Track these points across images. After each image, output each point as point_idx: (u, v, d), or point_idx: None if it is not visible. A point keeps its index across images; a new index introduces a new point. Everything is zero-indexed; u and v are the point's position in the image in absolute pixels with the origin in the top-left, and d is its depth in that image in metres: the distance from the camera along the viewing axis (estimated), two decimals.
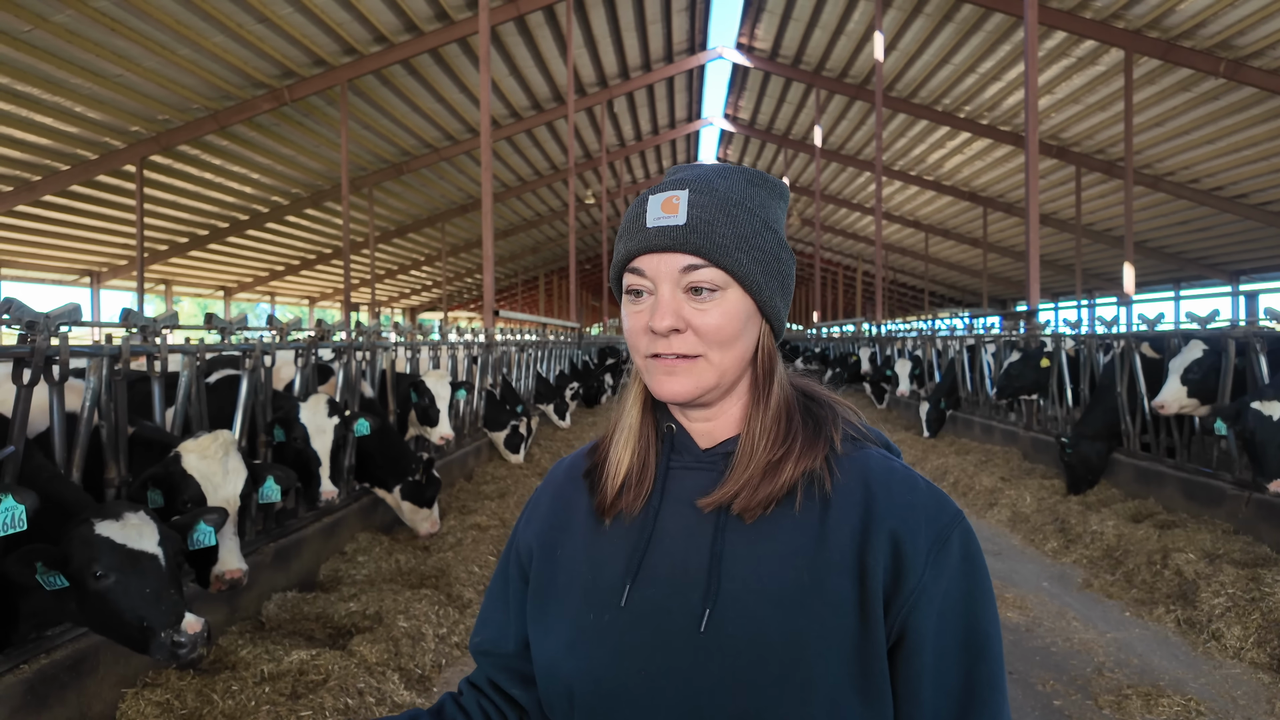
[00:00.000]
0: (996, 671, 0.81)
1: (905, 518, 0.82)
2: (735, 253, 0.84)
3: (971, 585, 0.82)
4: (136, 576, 2.49)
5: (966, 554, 0.82)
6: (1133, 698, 3.46)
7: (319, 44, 12.83)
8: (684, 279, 0.84)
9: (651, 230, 0.85)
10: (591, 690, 0.84)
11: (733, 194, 0.87)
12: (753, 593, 0.81)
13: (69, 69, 10.94)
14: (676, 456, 0.91)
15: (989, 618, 0.82)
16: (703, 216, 0.84)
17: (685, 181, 0.87)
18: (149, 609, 2.46)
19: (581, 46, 17.05)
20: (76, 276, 20.03)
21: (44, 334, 2.84)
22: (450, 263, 31.38)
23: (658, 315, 0.84)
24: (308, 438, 4.39)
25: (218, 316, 4.39)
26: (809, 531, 0.83)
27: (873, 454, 0.88)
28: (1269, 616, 3.97)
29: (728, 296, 0.85)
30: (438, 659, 3.88)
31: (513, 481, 7.86)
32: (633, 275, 0.87)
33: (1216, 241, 21.02)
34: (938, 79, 17.20)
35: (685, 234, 0.83)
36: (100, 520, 2.54)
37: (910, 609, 0.80)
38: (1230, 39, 12.15)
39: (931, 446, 10.20)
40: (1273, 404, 4.48)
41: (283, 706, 3.05)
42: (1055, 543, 5.86)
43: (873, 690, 0.79)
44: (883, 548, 0.81)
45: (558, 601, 0.90)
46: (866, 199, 27.79)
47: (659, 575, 0.85)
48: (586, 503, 0.94)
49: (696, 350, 0.85)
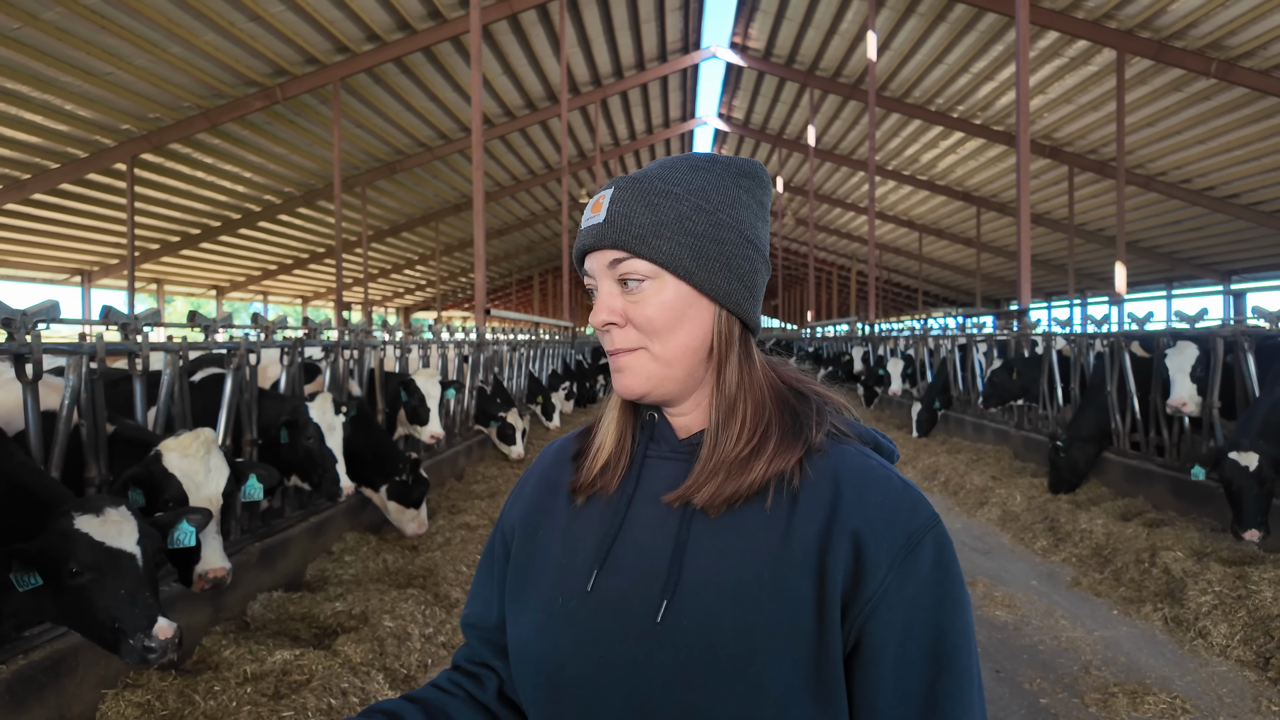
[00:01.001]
0: (964, 684, 0.78)
1: (871, 518, 0.79)
2: (653, 240, 0.84)
3: (943, 594, 0.78)
4: (113, 576, 2.44)
5: (939, 560, 0.79)
6: (1119, 696, 3.46)
7: (311, 42, 12.77)
8: (613, 273, 0.86)
9: (583, 231, 0.89)
10: (554, 674, 0.84)
11: (662, 183, 0.86)
12: (712, 586, 0.80)
13: (59, 66, 10.87)
14: (654, 445, 0.91)
15: (959, 628, 0.79)
16: (621, 211, 0.85)
17: (615, 182, 0.89)
18: (122, 610, 2.41)
19: (575, 45, 17.02)
20: (67, 276, 19.93)
21: (20, 331, 2.81)
22: (444, 262, 31.31)
23: (596, 311, 0.88)
24: (322, 437, 4.45)
25: (201, 314, 4.36)
26: (775, 527, 0.81)
27: (849, 451, 0.85)
28: (1255, 614, 3.98)
29: (662, 286, 0.85)
30: (423, 659, 3.85)
31: (503, 481, 7.84)
32: (586, 277, 0.91)
33: (1208, 241, 21.10)
34: (931, 79, 17.23)
35: (603, 230, 0.86)
36: (80, 514, 2.49)
37: (869, 615, 0.77)
38: (1221, 39, 12.18)
39: (923, 445, 10.21)
40: (1249, 455, 4.52)
41: (264, 707, 3.03)
42: (1045, 541, 5.87)
43: (826, 694, 0.77)
44: (844, 548, 0.78)
45: (533, 583, 0.90)
46: (860, 199, 27.82)
47: (626, 564, 0.84)
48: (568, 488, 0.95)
49: (637, 344, 0.86)
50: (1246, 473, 4.50)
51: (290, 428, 4.49)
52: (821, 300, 43.29)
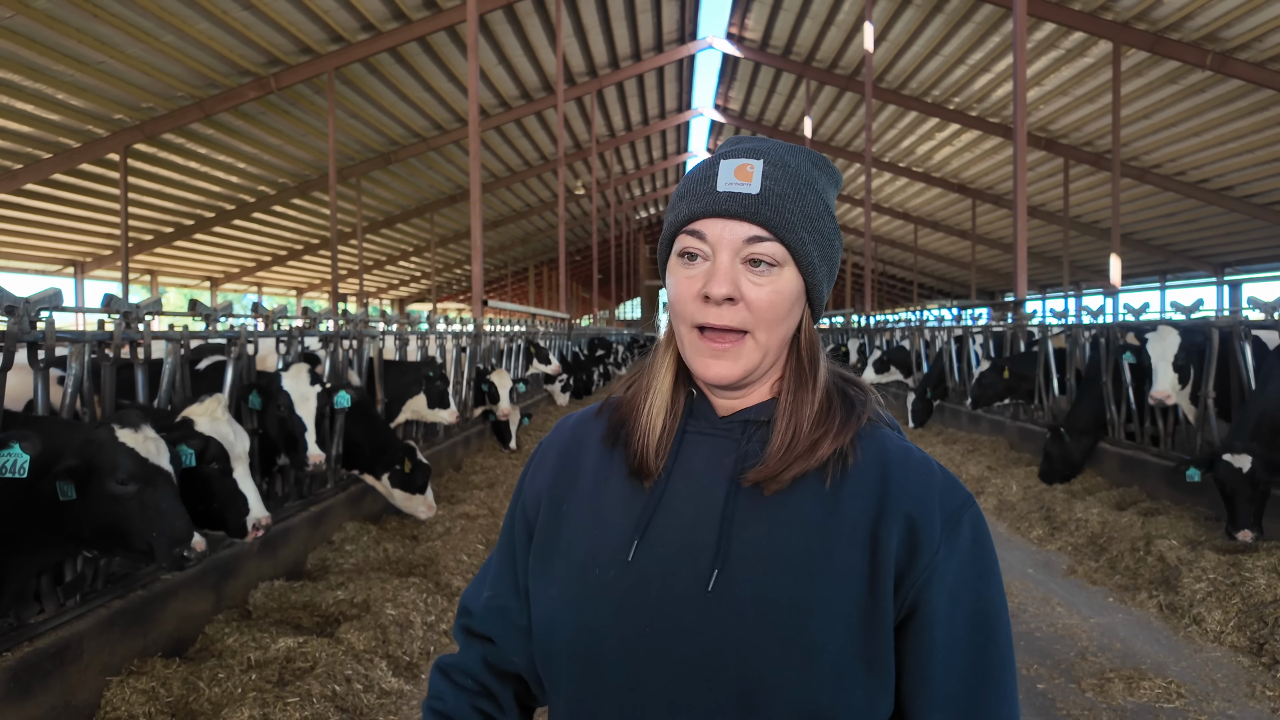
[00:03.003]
0: (1005, 653, 0.83)
1: (921, 499, 0.83)
2: (800, 231, 0.84)
3: (982, 567, 0.83)
4: (155, 489, 2.63)
5: (977, 536, 0.84)
6: (1115, 681, 3.50)
7: (305, 31, 12.69)
8: (746, 249, 0.84)
9: (722, 194, 0.84)
10: (590, 645, 0.85)
11: (802, 173, 0.87)
12: (761, 557, 0.82)
13: (51, 55, 10.78)
14: (693, 422, 0.91)
15: (998, 599, 0.84)
16: (775, 189, 0.84)
17: (760, 151, 0.86)
18: (166, 522, 2.61)
19: (571, 35, 16.95)
20: (60, 266, 19.81)
21: (23, 319, 2.81)
22: (439, 254, 31.21)
23: (715, 281, 0.83)
24: (292, 404, 4.39)
25: (202, 303, 4.35)
26: (821, 501, 0.84)
27: (889, 435, 0.90)
28: (1249, 601, 4.03)
29: (783, 274, 0.85)
30: (426, 646, 3.88)
31: (501, 472, 7.86)
32: (690, 238, 0.86)
33: (1202, 233, 21.18)
34: (927, 70, 17.22)
35: (757, 204, 0.83)
36: (121, 428, 2.64)
37: (924, 585, 0.81)
38: (1217, 31, 12.21)
39: (919, 436, 10.26)
40: (1242, 457, 4.58)
41: (269, 694, 3.05)
42: (1041, 530, 5.92)
43: (877, 661, 0.80)
44: (898, 525, 0.82)
45: (561, 556, 0.90)
46: (856, 191, 27.83)
47: (667, 535, 0.85)
48: (595, 461, 0.95)
49: (745, 325, 0.84)
50: (1240, 474, 4.56)
51: (263, 394, 4.46)
52: None
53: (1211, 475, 4.72)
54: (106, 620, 3.17)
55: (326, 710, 3.01)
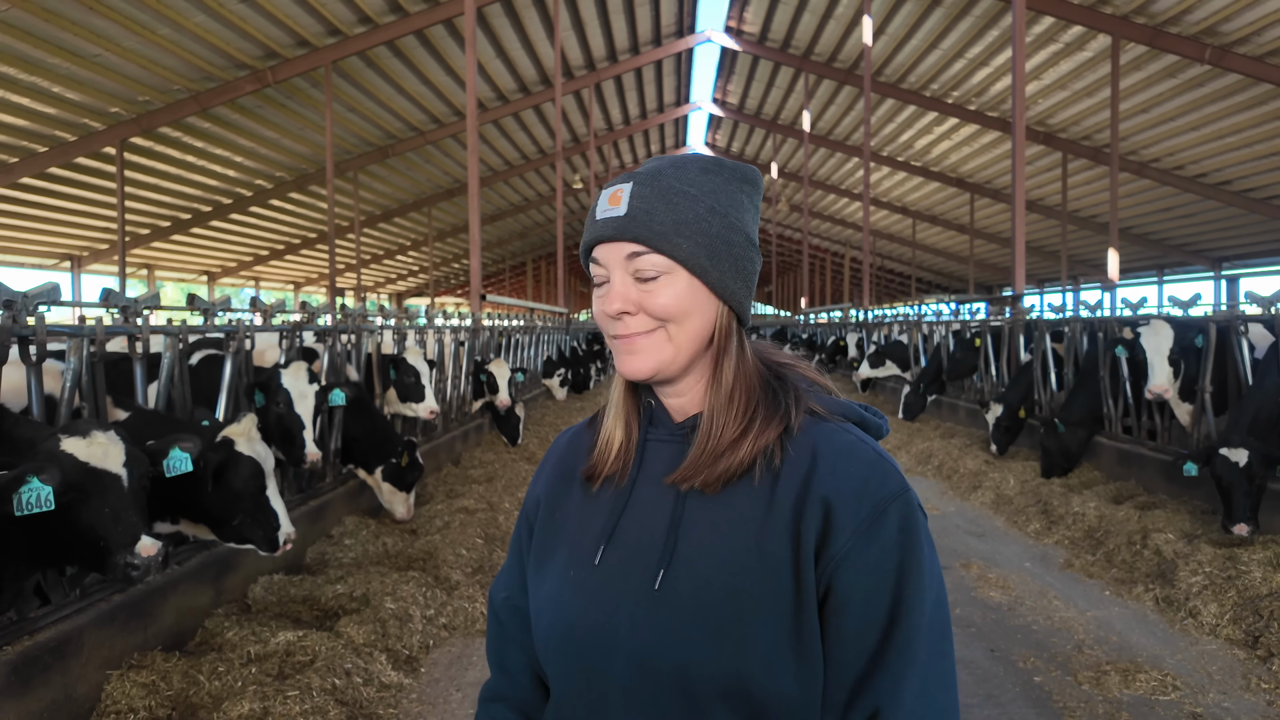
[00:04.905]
0: (911, 641, 0.83)
1: (840, 487, 0.86)
2: (674, 238, 0.89)
3: (904, 557, 0.84)
4: (97, 495, 2.53)
5: (904, 527, 0.85)
6: (1111, 674, 3.52)
7: (302, 24, 12.63)
8: (630, 265, 0.91)
9: (599, 222, 0.92)
10: (565, 636, 0.93)
11: (678, 183, 0.91)
12: (704, 555, 0.88)
13: (46, 48, 10.72)
14: (653, 430, 0.99)
15: (917, 591, 0.84)
16: (642, 206, 0.90)
17: (633, 175, 0.92)
18: (107, 529, 2.51)
19: (569, 28, 16.89)
20: (56, 260, 19.74)
21: (21, 313, 2.80)
22: (437, 248, 31.17)
23: (609, 299, 0.91)
24: (291, 402, 4.42)
25: (200, 298, 4.34)
26: (760, 500, 0.89)
27: (829, 427, 0.92)
28: (1245, 594, 4.05)
29: (676, 279, 0.90)
30: (425, 640, 3.89)
31: (500, 466, 7.86)
32: (594, 265, 0.94)
33: (1200, 228, 21.18)
34: (926, 64, 17.19)
35: (625, 224, 0.90)
36: (67, 437, 2.58)
37: (834, 571, 0.84)
38: (1215, 25, 12.19)
39: (917, 430, 10.28)
40: (1239, 451, 4.61)
41: (269, 687, 3.05)
42: (1038, 524, 5.93)
43: (804, 648, 0.84)
44: (814, 513, 0.86)
45: (551, 558, 0.99)
46: (855, 185, 27.81)
47: (629, 538, 0.93)
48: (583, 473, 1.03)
49: (653, 326, 0.91)
50: (1236, 469, 4.59)
51: (264, 390, 4.49)
52: (815, 287, 43.34)
53: (1208, 469, 4.75)
54: (106, 614, 3.17)
55: (326, 703, 3.02)
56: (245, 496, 3.30)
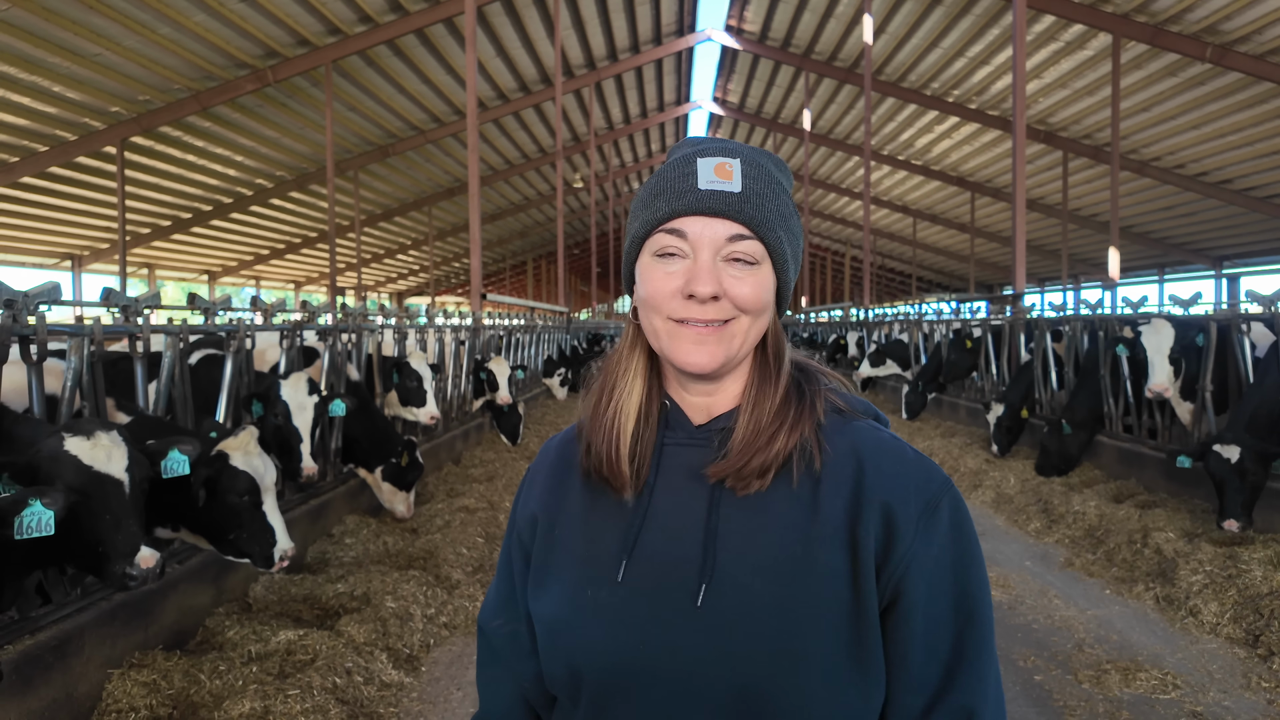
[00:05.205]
0: (985, 635, 0.83)
1: (895, 488, 0.83)
2: (778, 230, 0.85)
3: (960, 551, 0.83)
4: (99, 500, 2.47)
5: (955, 520, 0.84)
6: (1112, 672, 3.52)
7: (303, 23, 12.63)
8: (727, 248, 0.83)
9: (705, 192, 0.82)
10: (587, 664, 0.85)
11: (774, 171, 0.88)
12: (746, 567, 0.82)
13: (47, 48, 10.73)
14: (670, 433, 0.91)
15: (978, 582, 0.84)
16: (755, 188, 0.84)
17: (734, 150, 0.86)
18: (107, 536, 2.45)
19: (569, 27, 16.88)
20: (57, 260, 19.75)
21: (22, 312, 2.80)
22: (437, 247, 31.16)
23: (699, 280, 0.82)
24: (289, 414, 4.40)
25: (201, 297, 4.34)
26: (801, 505, 0.84)
27: (861, 426, 0.89)
28: (1245, 593, 4.05)
29: (763, 271, 0.85)
30: (426, 639, 3.89)
31: (500, 465, 7.87)
32: (669, 236, 0.84)
33: (1201, 226, 21.17)
34: (927, 63, 17.17)
35: (740, 202, 0.83)
36: (71, 436, 2.51)
37: (901, 575, 0.81)
38: (1217, 24, 12.18)
39: (917, 429, 10.28)
40: (1231, 447, 4.64)
41: (270, 686, 3.06)
42: (1038, 523, 5.93)
43: (866, 659, 0.81)
44: (874, 519, 0.82)
45: (554, 577, 0.90)
46: (855, 184, 27.79)
47: (655, 551, 0.85)
48: (581, 481, 0.94)
49: (733, 314, 0.84)
50: (1228, 464, 4.61)
51: (263, 401, 4.48)
52: (815, 286, 43.33)
53: (1202, 465, 4.76)
54: (108, 613, 3.18)
55: (327, 702, 3.03)
56: (240, 511, 3.22)
